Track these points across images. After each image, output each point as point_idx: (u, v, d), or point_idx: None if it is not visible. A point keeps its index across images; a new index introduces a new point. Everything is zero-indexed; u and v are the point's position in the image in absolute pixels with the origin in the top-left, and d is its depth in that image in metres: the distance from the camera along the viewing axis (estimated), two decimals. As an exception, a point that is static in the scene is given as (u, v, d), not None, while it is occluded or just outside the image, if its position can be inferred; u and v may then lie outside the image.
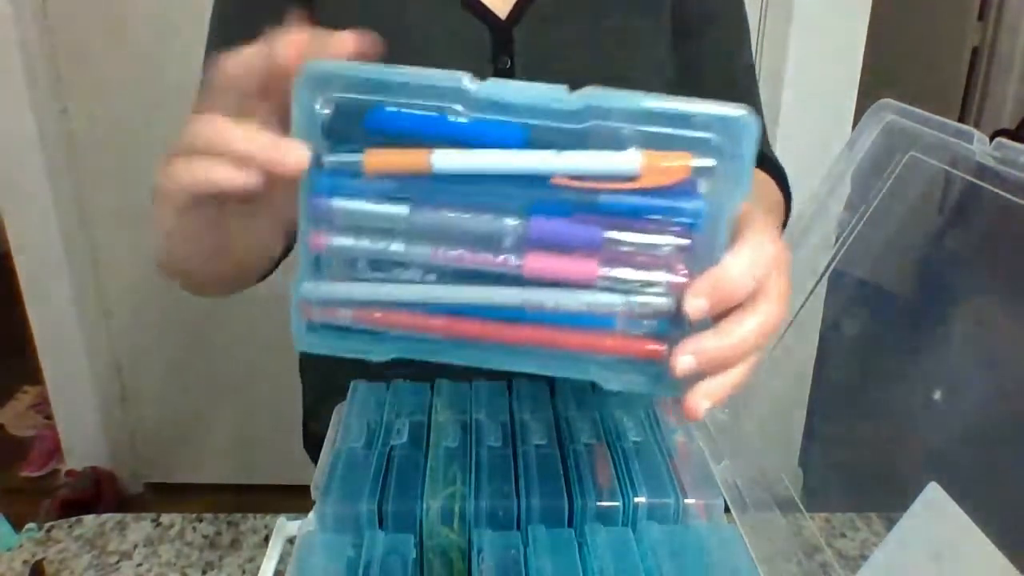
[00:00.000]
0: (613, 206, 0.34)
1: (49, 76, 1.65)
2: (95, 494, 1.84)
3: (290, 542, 0.53)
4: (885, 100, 0.56)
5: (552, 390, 0.63)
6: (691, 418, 0.35)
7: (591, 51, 0.68)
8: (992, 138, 0.46)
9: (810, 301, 0.59)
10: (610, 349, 0.36)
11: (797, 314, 0.58)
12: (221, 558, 0.66)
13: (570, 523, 0.50)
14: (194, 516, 0.70)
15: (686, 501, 0.51)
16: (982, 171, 0.47)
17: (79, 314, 1.78)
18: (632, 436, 0.56)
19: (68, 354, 1.81)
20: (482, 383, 0.63)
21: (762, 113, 0.62)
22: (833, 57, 1.55)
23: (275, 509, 0.65)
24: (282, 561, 0.53)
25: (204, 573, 0.64)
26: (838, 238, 0.58)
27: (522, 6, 0.67)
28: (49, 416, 1.96)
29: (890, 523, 0.49)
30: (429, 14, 0.66)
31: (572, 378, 0.37)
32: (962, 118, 2.61)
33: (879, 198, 0.56)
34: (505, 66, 0.67)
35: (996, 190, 0.45)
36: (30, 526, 0.69)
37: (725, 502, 0.53)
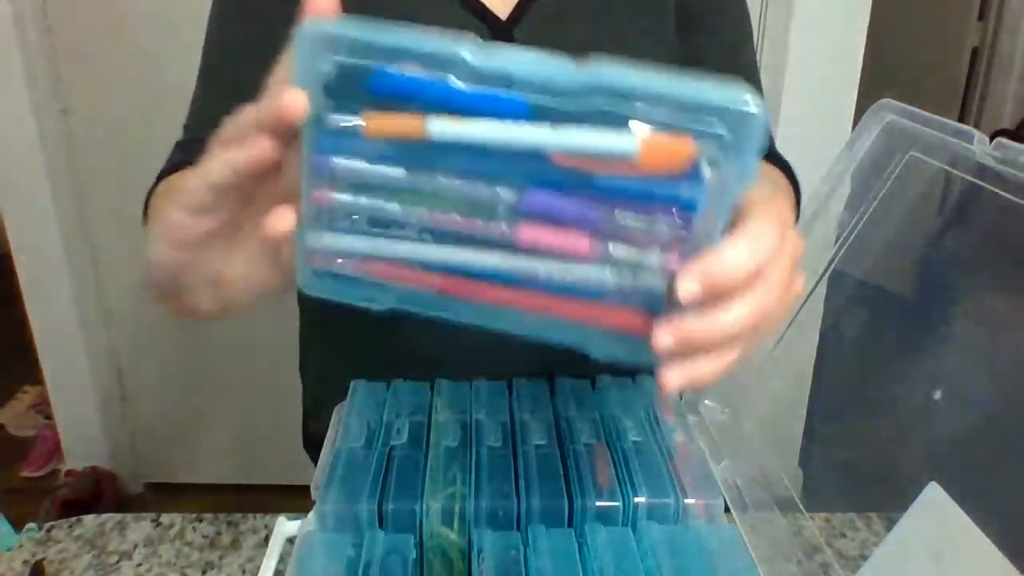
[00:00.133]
0: (610, 186, 0.34)
1: (49, 76, 1.65)
2: (95, 494, 1.84)
3: (290, 542, 0.53)
4: (885, 100, 0.56)
5: (552, 390, 0.63)
6: (664, 393, 0.35)
7: (592, 51, 0.68)
8: (992, 138, 0.46)
9: (810, 301, 0.58)
10: (598, 320, 0.37)
11: (797, 314, 0.58)
12: (221, 558, 0.66)
13: (570, 523, 0.50)
14: (194, 516, 0.70)
15: (686, 501, 0.51)
16: (982, 171, 0.47)
17: (79, 314, 1.78)
18: (632, 436, 0.56)
19: (68, 354, 1.81)
20: (482, 383, 0.63)
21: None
22: (833, 57, 1.55)
23: (275, 509, 0.64)
24: (282, 561, 0.53)
25: (204, 573, 0.64)
26: (838, 238, 0.58)
27: (523, 6, 0.67)
28: (49, 416, 1.96)
29: (890, 523, 0.49)
30: (428, 14, 0.66)
31: (557, 342, 0.38)
32: (962, 118, 2.61)
33: (879, 198, 0.56)
34: None
35: (996, 190, 0.45)
36: (30, 526, 0.69)
37: (725, 502, 0.53)
